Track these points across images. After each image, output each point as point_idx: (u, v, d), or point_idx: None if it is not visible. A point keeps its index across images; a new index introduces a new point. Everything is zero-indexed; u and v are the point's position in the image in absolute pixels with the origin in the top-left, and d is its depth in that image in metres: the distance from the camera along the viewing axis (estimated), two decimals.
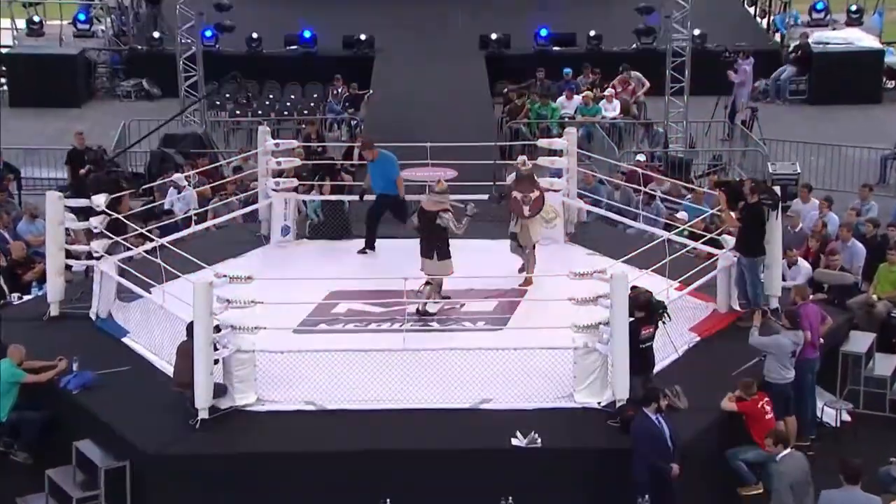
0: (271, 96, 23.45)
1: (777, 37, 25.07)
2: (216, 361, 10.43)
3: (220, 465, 9.91)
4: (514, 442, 9.95)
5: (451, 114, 20.69)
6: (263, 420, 10.44)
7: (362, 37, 23.78)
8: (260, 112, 22.37)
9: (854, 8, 24.73)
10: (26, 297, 13.31)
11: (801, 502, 9.48)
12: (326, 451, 10.08)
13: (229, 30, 23.30)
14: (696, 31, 21.74)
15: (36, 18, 24.51)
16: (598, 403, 10.51)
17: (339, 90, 22.74)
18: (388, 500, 9.71)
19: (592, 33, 23.77)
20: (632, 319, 10.30)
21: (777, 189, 12.38)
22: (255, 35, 23.98)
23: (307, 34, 23.93)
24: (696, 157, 19.78)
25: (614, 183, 16.42)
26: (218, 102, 22.73)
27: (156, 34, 24.14)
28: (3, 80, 23.19)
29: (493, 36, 23.76)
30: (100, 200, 12.28)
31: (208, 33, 22.92)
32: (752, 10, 27.07)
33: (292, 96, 23.44)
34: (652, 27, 23.31)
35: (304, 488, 9.85)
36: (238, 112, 22.42)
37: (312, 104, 22.90)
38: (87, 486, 10.02)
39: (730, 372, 10.96)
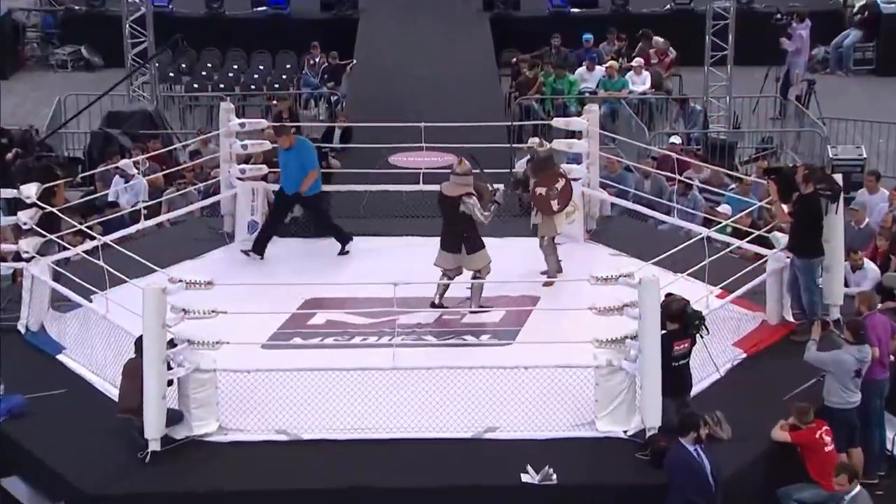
0: (235, 67, 23.61)
1: None
2: (170, 383, 10.44)
3: None
4: (525, 478, 9.98)
5: (449, 88, 20.87)
6: (226, 452, 10.49)
7: None
8: (222, 86, 22.54)
9: None
10: None
11: None
12: (301, 489, 10.09)
13: None
14: None
15: None
16: (625, 432, 10.58)
17: (317, 60, 22.84)
18: None
19: None
20: (664, 332, 10.36)
21: (838, 177, 12.50)
22: None
23: None
24: (742, 140, 19.89)
25: (643, 170, 16.47)
26: (172, 74, 22.79)
27: None
28: None
29: None
30: (29, 191, 12.29)
31: None
32: None
33: (261, 67, 23.58)
34: None
35: None
36: (196, 86, 22.56)
37: (284, 76, 23.03)
38: None
39: (782, 395, 11.00)
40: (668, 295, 10.60)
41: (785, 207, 12.22)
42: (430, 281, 12.35)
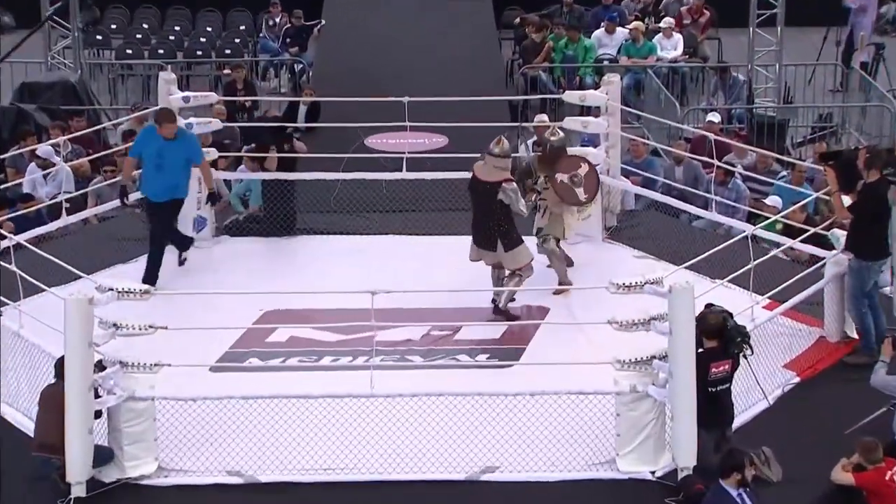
0: (178, 28, 23.67)
1: None
2: (98, 414, 10.42)
3: None
4: None
5: (438, 55, 20.91)
6: (167, 498, 10.42)
7: None
8: (161, 51, 22.52)
9: None
10: None
11: None
12: None
13: None
14: None
15: None
16: (653, 473, 10.56)
17: (277, 20, 22.94)
18: None
19: None
20: (700, 352, 10.38)
21: None
22: None
23: None
24: (795, 117, 19.93)
25: (675, 155, 16.46)
26: (100, 37, 22.83)
27: None
28: None
29: None
30: None
31: None
32: None
33: (208, 29, 23.64)
34: None
35: None
36: (129, 51, 22.55)
37: (238, 40, 23.09)
38: None
39: (844, 428, 10.98)
40: (706, 306, 10.64)
41: (846, 199, 12.26)
42: (415, 289, 12.35)
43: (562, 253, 13.29)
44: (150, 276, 13.27)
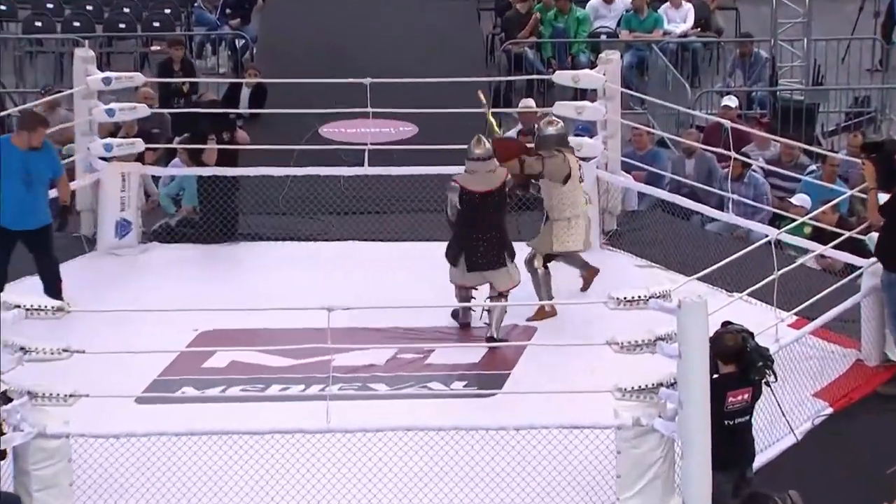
0: None
1: None
2: (2, 455, 10.24)
3: None
4: None
5: (406, 29, 21.00)
6: None
7: None
8: (77, 24, 22.43)
9: None
10: None
11: None
12: None
13: None
14: None
15: None
16: None
17: None
18: None
19: None
20: (715, 378, 10.29)
21: None
22: None
23: None
24: (826, 101, 19.97)
25: (685, 146, 16.45)
26: (3, 7, 22.76)
27: None
28: None
29: None
30: None
31: None
32: None
33: None
34: None
35: None
36: (39, 24, 22.45)
37: (168, 11, 23.04)
38: None
39: (885, 467, 11.01)
40: (722, 324, 10.60)
41: (883, 198, 12.31)
42: (380, 306, 12.26)
43: (548, 279, 13.32)
44: (53, 290, 13.07)
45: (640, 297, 10.53)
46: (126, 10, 23.08)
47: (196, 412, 11.59)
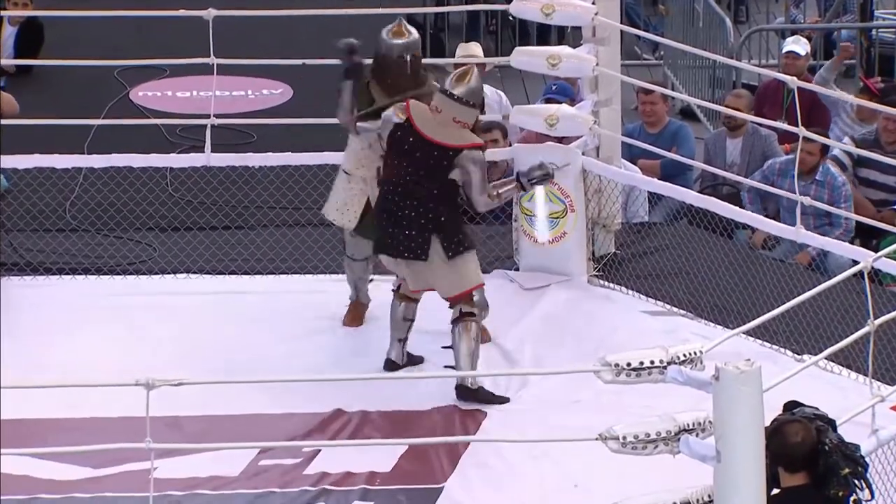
0: None
1: None
2: None
3: None
4: None
5: None
6: None
7: None
8: None
9: None
10: None
11: None
12: None
13: None
14: None
15: None
16: None
17: None
18: None
19: None
20: (775, 494, 8.64)
21: None
22: None
23: None
24: None
25: (725, 118, 14.69)
26: None
27: None
28: None
29: None
30: None
31: None
32: None
33: None
34: None
35: None
36: None
37: None
38: None
39: None
40: (785, 407, 8.85)
41: None
42: (229, 379, 10.59)
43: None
44: None
45: (651, 362, 8.50)
46: None
47: None
